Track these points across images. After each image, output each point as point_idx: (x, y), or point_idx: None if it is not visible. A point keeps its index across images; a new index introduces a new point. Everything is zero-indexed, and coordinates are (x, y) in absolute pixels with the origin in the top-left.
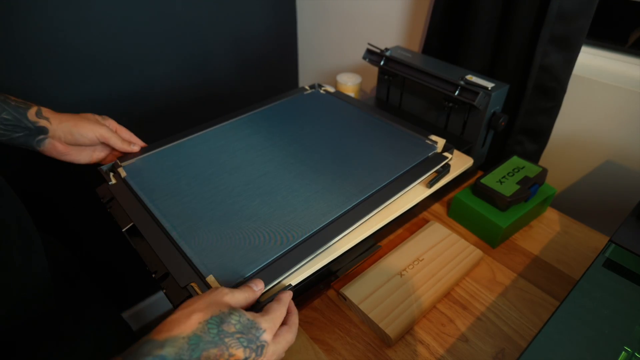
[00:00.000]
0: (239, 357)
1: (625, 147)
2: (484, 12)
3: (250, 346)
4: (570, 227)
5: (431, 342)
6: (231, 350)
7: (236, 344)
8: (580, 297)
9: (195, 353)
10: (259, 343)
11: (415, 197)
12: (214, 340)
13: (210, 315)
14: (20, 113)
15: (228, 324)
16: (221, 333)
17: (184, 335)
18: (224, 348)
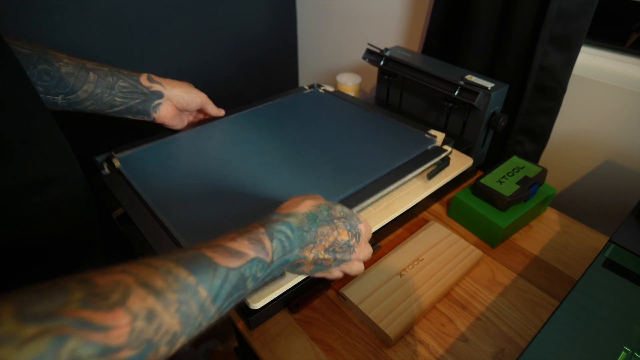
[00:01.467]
0: (344, 238)
1: (625, 147)
2: (484, 12)
3: (352, 231)
4: (570, 227)
5: (431, 342)
6: (339, 230)
7: (342, 226)
8: (580, 297)
9: (314, 227)
10: (356, 230)
11: (416, 197)
12: (326, 219)
13: (320, 203)
14: (135, 79)
15: (334, 210)
16: (331, 215)
17: (303, 212)
18: (334, 227)
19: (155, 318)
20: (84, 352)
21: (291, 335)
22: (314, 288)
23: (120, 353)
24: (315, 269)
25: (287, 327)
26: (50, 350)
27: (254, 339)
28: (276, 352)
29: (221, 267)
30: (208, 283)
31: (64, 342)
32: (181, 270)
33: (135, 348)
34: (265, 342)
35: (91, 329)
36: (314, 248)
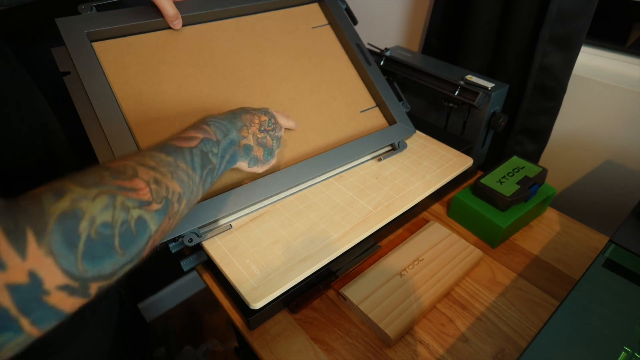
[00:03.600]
0: (265, 119)
1: (625, 147)
2: (484, 12)
3: (266, 113)
4: (570, 227)
5: (431, 342)
6: (258, 115)
7: (258, 112)
8: (580, 297)
9: (238, 115)
10: (268, 111)
11: (416, 197)
12: (243, 112)
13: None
14: None
15: (245, 108)
16: (244, 110)
17: (225, 112)
18: (253, 114)
19: (161, 183)
20: (129, 204)
21: (291, 335)
22: (314, 288)
23: (152, 206)
24: (265, 152)
25: (287, 327)
26: (109, 202)
27: (254, 339)
28: (276, 352)
29: (185, 148)
30: (182, 158)
31: (116, 197)
32: (161, 154)
33: (159, 203)
34: (265, 342)
35: (127, 190)
36: (248, 129)
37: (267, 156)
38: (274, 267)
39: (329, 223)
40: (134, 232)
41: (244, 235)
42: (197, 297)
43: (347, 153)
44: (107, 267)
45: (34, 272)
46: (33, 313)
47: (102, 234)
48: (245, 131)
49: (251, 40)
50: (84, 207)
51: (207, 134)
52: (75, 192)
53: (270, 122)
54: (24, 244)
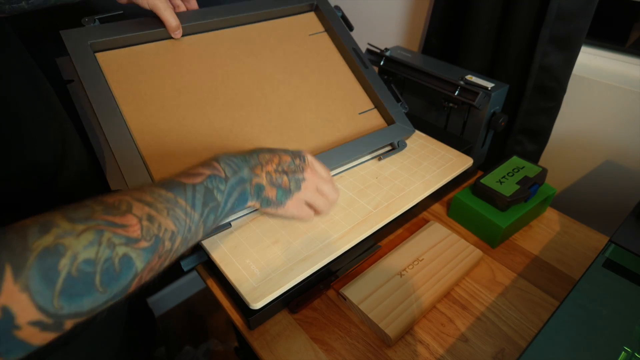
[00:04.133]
0: (286, 159)
1: (625, 147)
2: (484, 12)
3: (293, 153)
4: (570, 227)
5: (431, 342)
6: (280, 154)
7: (282, 152)
8: (580, 297)
9: (255, 154)
10: (298, 153)
11: (416, 197)
12: (266, 150)
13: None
14: None
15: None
16: (269, 149)
17: (243, 150)
18: (274, 153)
19: (155, 220)
20: (116, 241)
21: (291, 335)
22: (314, 288)
23: (139, 243)
24: (279, 193)
25: (287, 327)
26: (95, 238)
27: (254, 339)
28: (276, 352)
29: (188, 185)
30: (182, 195)
31: (102, 233)
32: (161, 190)
33: (148, 240)
34: (265, 342)
35: (116, 227)
36: (263, 168)
37: (280, 197)
38: (274, 267)
39: (329, 223)
40: (117, 270)
41: (244, 235)
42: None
43: (347, 152)
44: (86, 304)
45: (7, 307)
46: (1, 345)
47: (83, 271)
48: (259, 169)
49: (249, 48)
50: (68, 244)
51: (215, 171)
52: (61, 227)
53: (292, 163)
54: (1, 280)
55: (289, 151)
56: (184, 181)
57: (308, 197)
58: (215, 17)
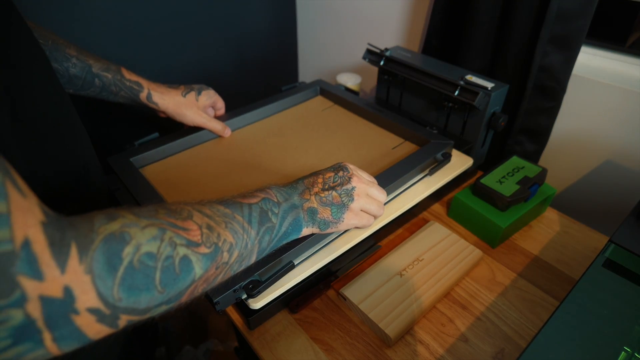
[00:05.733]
0: (329, 175)
1: (625, 147)
2: (484, 12)
3: (335, 169)
4: (570, 227)
5: (431, 342)
6: (322, 173)
7: (324, 171)
8: (580, 297)
9: (300, 181)
10: (339, 166)
11: (416, 197)
12: (307, 176)
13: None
14: (134, 93)
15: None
16: (315, 172)
17: (290, 181)
18: (317, 175)
19: (214, 229)
20: (177, 241)
21: (291, 335)
22: (314, 288)
23: (200, 248)
24: (333, 210)
25: (287, 327)
26: (158, 234)
27: (254, 339)
28: (276, 352)
29: (244, 203)
30: (239, 212)
31: (165, 231)
32: (219, 205)
33: (208, 247)
34: (265, 342)
35: (177, 228)
36: (311, 191)
37: (336, 214)
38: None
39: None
40: (177, 271)
41: None
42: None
43: (396, 173)
44: (143, 300)
45: (69, 287)
46: (58, 329)
47: (144, 263)
48: (307, 194)
49: (273, 132)
50: (133, 233)
51: (269, 195)
52: (127, 218)
53: (336, 177)
54: (66, 258)
55: (330, 167)
56: (240, 200)
57: (362, 205)
58: (236, 116)
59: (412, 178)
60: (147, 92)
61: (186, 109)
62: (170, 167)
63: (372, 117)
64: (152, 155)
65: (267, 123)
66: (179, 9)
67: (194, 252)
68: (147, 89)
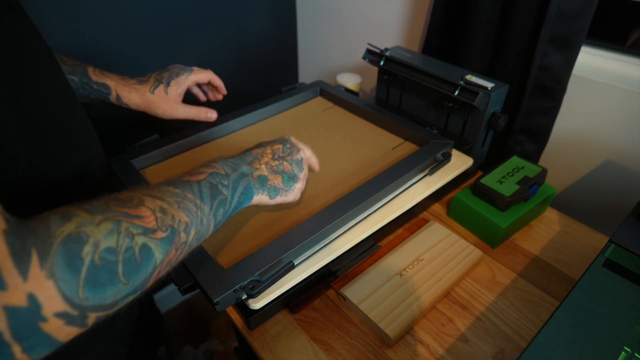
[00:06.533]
0: (279, 146)
1: (625, 147)
2: (484, 12)
3: (281, 141)
4: (570, 227)
5: (431, 342)
6: (270, 145)
7: (271, 143)
8: (580, 297)
9: (248, 152)
10: (283, 139)
11: (416, 197)
12: (253, 147)
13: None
14: (103, 96)
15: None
16: (262, 143)
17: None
18: (264, 147)
19: (168, 212)
20: (134, 230)
21: (291, 335)
22: (314, 288)
23: (157, 233)
24: (284, 178)
25: (287, 327)
26: (114, 228)
27: (254, 339)
28: (276, 352)
29: (192, 181)
30: (189, 190)
31: (121, 223)
32: (168, 187)
33: (164, 231)
34: (265, 342)
35: (132, 218)
36: (260, 160)
37: (287, 182)
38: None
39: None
40: (139, 260)
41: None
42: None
43: (395, 173)
44: (109, 296)
45: (34, 295)
46: (27, 340)
47: (106, 259)
48: (257, 163)
49: (272, 132)
50: (89, 232)
51: (215, 169)
52: (81, 216)
53: (285, 148)
54: (28, 265)
55: (274, 140)
56: (188, 179)
57: (305, 172)
58: (240, 122)
59: (412, 178)
60: (115, 94)
61: (157, 107)
62: (170, 168)
63: (372, 117)
64: (153, 157)
65: (267, 124)
66: (178, 9)
67: (152, 239)
68: (115, 91)
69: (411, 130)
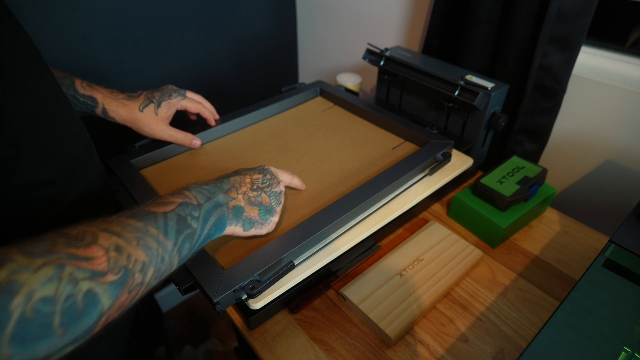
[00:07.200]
0: (258, 176)
1: (625, 147)
2: (484, 12)
3: (260, 171)
4: (570, 227)
5: (431, 342)
6: (250, 174)
7: (249, 172)
8: (580, 297)
9: (225, 179)
10: (263, 168)
11: (416, 197)
12: (232, 175)
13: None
14: (89, 109)
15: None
16: (234, 172)
17: (214, 178)
18: (243, 175)
19: (124, 250)
20: (79, 275)
21: (291, 335)
22: (314, 288)
23: (106, 277)
24: (261, 211)
25: (287, 327)
26: (55, 273)
27: (254, 339)
28: (276, 352)
29: (159, 213)
30: (153, 224)
31: (64, 267)
32: (130, 219)
33: (116, 274)
34: (265, 342)
35: (79, 260)
36: (238, 190)
37: (264, 215)
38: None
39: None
40: (80, 308)
41: None
42: (197, 297)
43: (395, 174)
44: (40, 349)
45: None
46: None
47: (39, 311)
48: (234, 192)
49: (272, 132)
50: (23, 280)
51: (187, 199)
52: (17, 261)
53: (264, 179)
54: None
55: (254, 169)
56: (154, 210)
57: (282, 206)
58: (237, 124)
59: (412, 178)
60: (101, 107)
61: (144, 125)
62: (170, 168)
63: (372, 117)
64: (152, 157)
65: (267, 124)
66: (178, 10)
67: (99, 283)
68: (102, 105)
69: (411, 130)
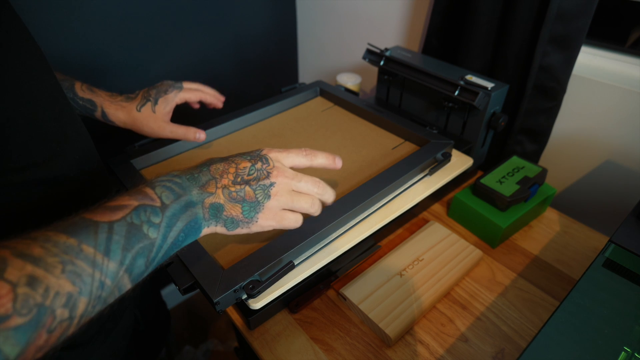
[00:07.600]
0: (245, 165)
1: (625, 147)
2: (484, 12)
3: (253, 158)
4: (570, 227)
5: (431, 342)
6: (236, 161)
7: (239, 158)
8: (580, 297)
9: (205, 167)
10: (259, 155)
11: (416, 197)
12: (219, 160)
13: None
14: (89, 112)
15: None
16: (224, 157)
17: (193, 165)
18: (228, 162)
19: (39, 283)
20: None
21: (291, 335)
22: (314, 288)
23: (9, 321)
24: (244, 208)
25: (287, 327)
26: None
27: (254, 339)
28: (276, 352)
29: (102, 223)
30: (91, 240)
31: None
32: (60, 235)
33: (24, 315)
34: (265, 342)
35: None
36: (218, 183)
37: (248, 213)
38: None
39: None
40: None
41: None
42: (197, 297)
43: (395, 174)
44: None
45: None
46: None
47: None
48: (212, 186)
49: (272, 132)
50: None
51: (146, 200)
52: None
53: (252, 169)
54: None
55: (247, 154)
56: (98, 219)
57: (284, 203)
58: (237, 123)
59: (412, 178)
60: (100, 110)
61: (143, 125)
62: (170, 168)
63: (372, 117)
64: (153, 157)
65: (267, 124)
66: (178, 10)
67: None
68: (101, 108)
69: (411, 130)
